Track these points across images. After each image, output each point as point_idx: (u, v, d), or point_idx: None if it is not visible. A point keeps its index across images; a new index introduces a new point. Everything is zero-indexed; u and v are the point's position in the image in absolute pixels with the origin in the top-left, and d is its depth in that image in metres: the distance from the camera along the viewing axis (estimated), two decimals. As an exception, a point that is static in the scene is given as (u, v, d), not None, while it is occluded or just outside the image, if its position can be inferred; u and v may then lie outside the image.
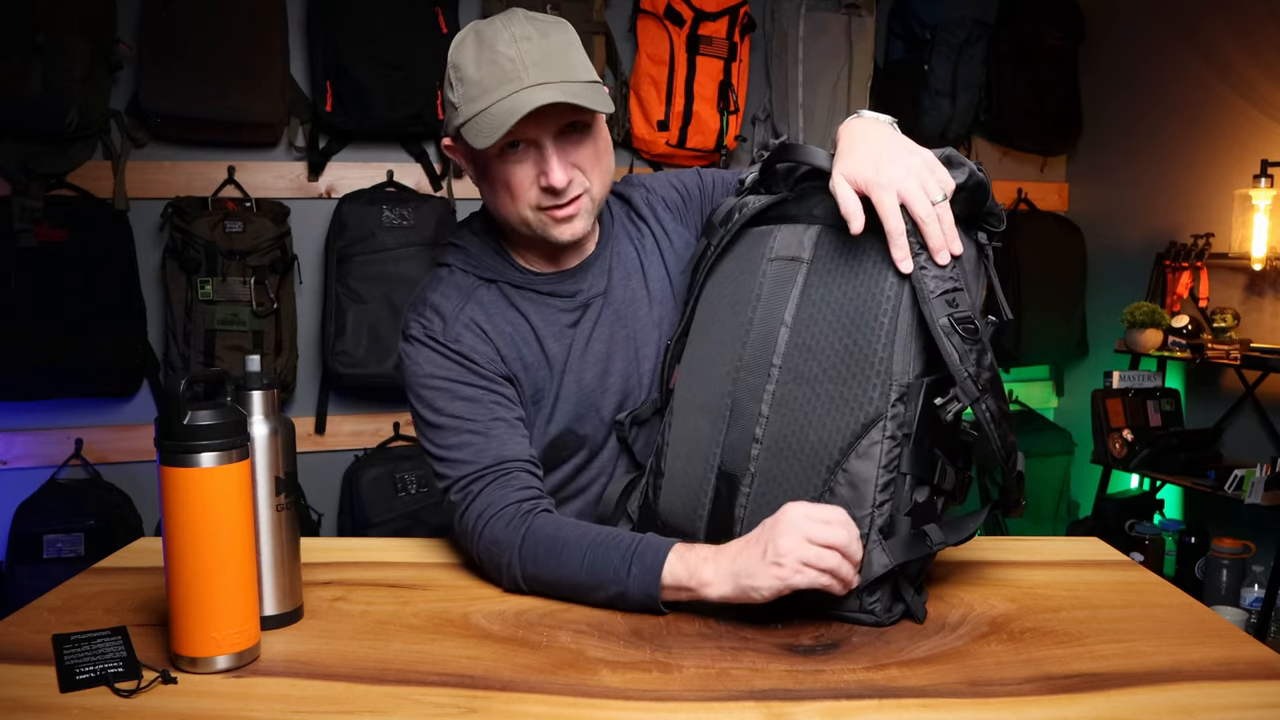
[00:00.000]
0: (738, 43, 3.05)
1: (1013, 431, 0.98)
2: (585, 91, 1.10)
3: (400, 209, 2.79)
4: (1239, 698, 0.83)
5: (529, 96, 1.07)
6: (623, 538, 1.04)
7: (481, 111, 1.09)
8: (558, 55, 1.11)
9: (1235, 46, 3.00)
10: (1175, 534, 3.02)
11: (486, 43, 1.10)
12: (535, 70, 1.08)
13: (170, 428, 0.84)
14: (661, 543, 1.02)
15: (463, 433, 1.14)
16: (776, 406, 1.01)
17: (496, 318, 1.21)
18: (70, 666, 0.86)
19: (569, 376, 1.23)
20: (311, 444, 2.96)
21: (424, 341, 1.18)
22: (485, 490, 1.11)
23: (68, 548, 2.55)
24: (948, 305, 0.94)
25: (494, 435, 1.14)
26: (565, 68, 1.11)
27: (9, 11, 2.44)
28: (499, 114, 1.08)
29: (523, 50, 1.09)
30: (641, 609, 1.01)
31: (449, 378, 1.16)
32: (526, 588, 1.07)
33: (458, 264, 1.24)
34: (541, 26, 1.12)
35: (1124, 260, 3.42)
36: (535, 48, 1.09)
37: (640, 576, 0.99)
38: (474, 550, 1.11)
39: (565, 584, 1.04)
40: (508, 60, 1.08)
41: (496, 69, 1.09)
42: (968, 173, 1.01)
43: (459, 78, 1.12)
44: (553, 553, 1.05)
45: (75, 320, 2.61)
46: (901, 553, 0.95)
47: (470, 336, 1.18)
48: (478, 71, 1.09)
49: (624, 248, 1.29)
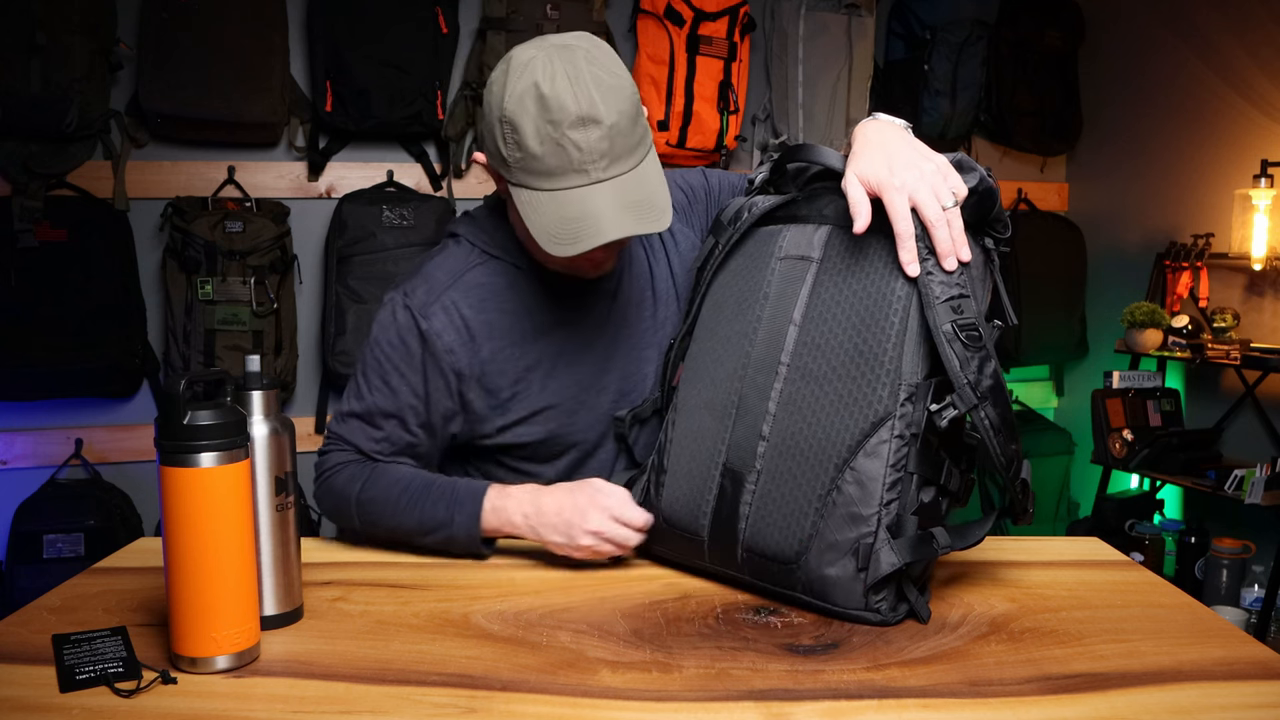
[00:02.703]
0: (738, 43, 3.05)
1: (1016, 440, 0.98)
2: (654, 197, 1.09)
3: (400, 209, 2.79)
4: (1239, 698, 0.83)
5: (600, 210, 1.05)
6: (443, 488, 1.18)
7: (546, 191, 1.07)
8: (623, 136, 1.07)
9: (1235, 46, 3.00)
10: (1175, 534, 3.02)
11: (551, 116, 1.05)
12: (603, 163, 1.06)
13: (170, 428, 0.84)
14: (476, 491, 1.16)
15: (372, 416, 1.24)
16: (784, 404, 1.02)
17: (488, 302, 1.22)
18: (70, 666, 0.86)
19: (564, 365, 1.23)
20: (311, 444, 2.95)
21: (398, 308, 1.22)
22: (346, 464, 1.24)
23: (68, 548, 2.55)
24: (952, 311, 0.95)
25: (383, 430, 1.23)
26: (628, 150, 1.08)
27: (9, 11, 2.44)
28: (570, 218, 1.06)
29: (591, 138, 1.05)
30: (467, 551, 1.17)
31: (390, 358, 1.22)
32: (367, 531, 1.22)
33: (466, 235, 1.26)
34: (605, 93, 1.06)
35: (1124, 260, 3.42)
36: (604, 135, 1.05)
37: (463, 524, 1.15)
38: (316, 495, 1.26)
39: (399, 531, 1.19)
40: (574, 148, 1.05)
41: (562, 154, 1.05)
42: (978, 178, 1.01)
43: (515, 139, 1.07)
44: (387, 502, 1.19)
45: (75, 320, 2.61)
46: (908, 552, 0.95)
47: (443, 318, 1.21)
48: (539, 147, 1.06)
49: (632, 248, 1.30)
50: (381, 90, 2.76)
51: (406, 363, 1.21)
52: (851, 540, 0.96)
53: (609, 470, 1.27)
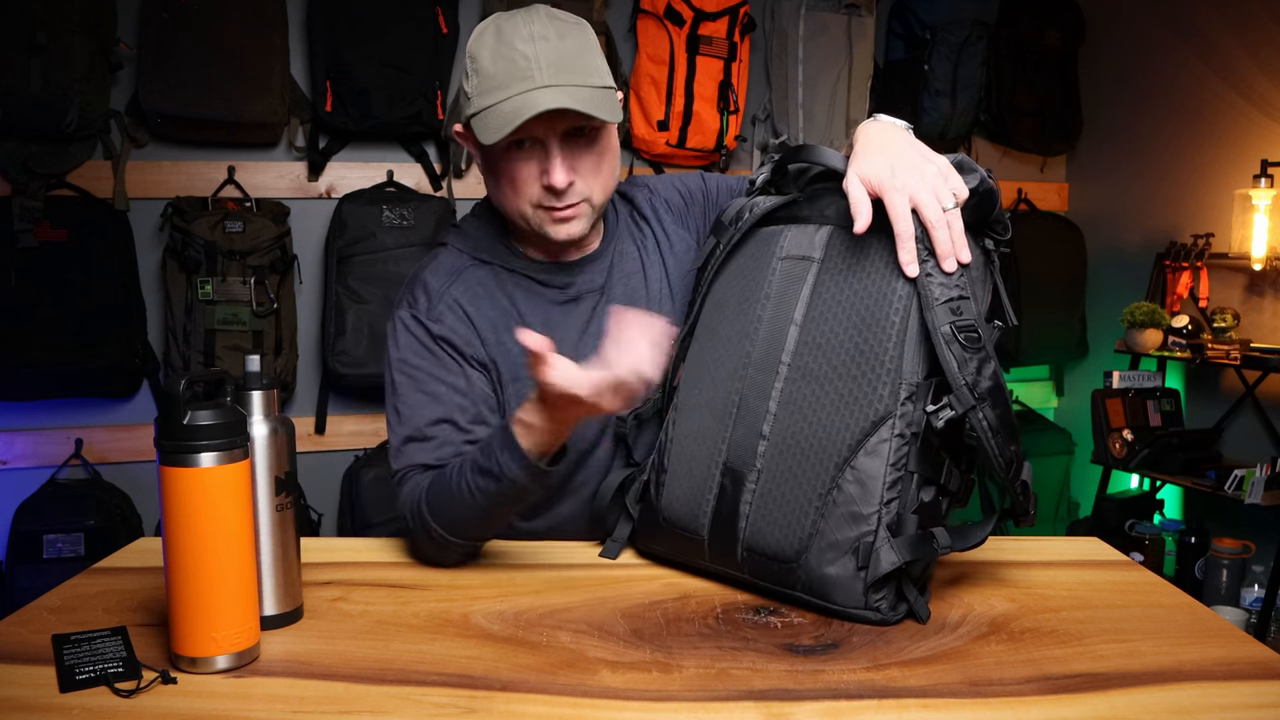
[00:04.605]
0: (738, 43, 3.05)
1: (1016, 442, 0.98)
2: (596, 98, 1.11)
3: (400, 209, 2.79)
4: (1239, 698, 0.83)
5: (539, 98, 1.08)
6: (478, 452, 1.10)
7: (492, 106, 1.10)
8: (573, 57, 1.11)
9: (1235, 46, 3.00)
10: (1175, 534, 3.02)
11: (505, 37, 1.11)
12: (549, 71, 1.09)
13: (170, 428, 0.84)
14: (501, 431, 1.08)
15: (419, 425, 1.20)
16: (785, 404, 1.02)
17: (483, 300, 1.23)
18: (70, 666, 0.86)
19: None
20: (311, 444, 2.96)
21: (407, 323, 1.22)
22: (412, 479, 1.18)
23: (68, 548, 2.55)
24: (951, 313, 0.95)
25: (438, 438, 1.18)
26: (580, 71, 1.11)
27: (9, 11, 2.44)
28: (507, 111, 1.09)
29: (539, 49, 1.09)
30: (533, 490, 1.08)
31: (421, 368, 1.21)
32: (457, 539, 1.12)
33: (455, 244, 1.28)
34: (561, 26, 1.12)
35: (1124, 260, 3.42)
36: (552, 48, 1.10)
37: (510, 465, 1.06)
38: (411, 547, 1.19)
39: (474, 512, 1.10)
40: (522, 58, 1.09)
41: (511, 65, 1.09)
42: (979, 179, 1.02)
43: (474, 69, 1.12)
44: (447, 495, 1.11)
45: (75, 320, 2.61)
46: (909, 551, 0.95)
47: (451, 317, 1.22)
48: (493, 65, 1.10)
49: (626, 247, 1.30)
50: (381, 90, 2.76)
51: (440, 366, 1.20)
52: (852, 539, 0.96)
53: (606, 470, 1.27)
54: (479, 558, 1.18)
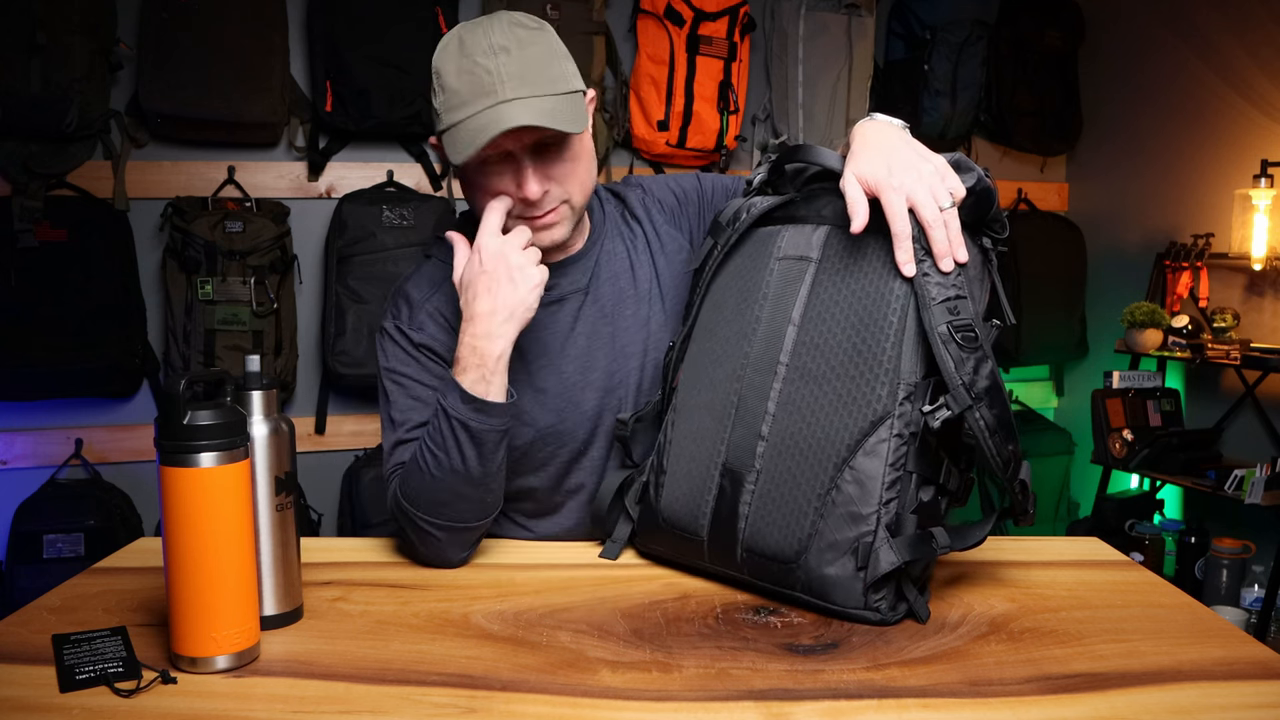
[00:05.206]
0: (738, 43, 3.05)
1: (1014, 442, 0.98)
2: (560, 107, 1.10)
3: (400, 209, 2.79)
4: (1239, 698, 0.83)
5: (503, 113, 1.07)
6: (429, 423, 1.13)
7: (459, 123, 1.09)
8: (537, 67, 1.10)
9: (1235, 46, 3.00)
10: (1175, 534, 3.02)
11: (467, 50, 1.09)
12: (512, 84, 1.08)
13: (170, 428, 0.84)
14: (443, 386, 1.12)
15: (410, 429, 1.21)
16: (783, 404, 1.02)
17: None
18: (70, 666, 0.86)
19: (545, 367, 1.24)
20: (311, 444, 2.96)
21: (391, 334, 1.24)
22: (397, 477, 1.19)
23: (68, 548, 2.55)
24: (948, 312, 0.95)
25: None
26: (543, 80, 1.10)
27: (9, 11, 2.44)
28: (473, 129, 1.08)
29: (500, 62, 1.08)
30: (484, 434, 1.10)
31: (407, 375, 1.22)
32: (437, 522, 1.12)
33: (437, 255, 1.28)
34: (522, 35, 1.11)
35: (1124, 260, 3.42)
36: (514, 59, 1.08)
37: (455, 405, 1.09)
38: (397, 532, 1.21)
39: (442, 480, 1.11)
40: (485, 72, 1.08)
41: (474, 80, 1.08)
42: (976, 177, 1.01)
43: (440, 85, 1.12)
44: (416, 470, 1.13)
45: (75, 320, 2.61)
46: (908, 551, 0.95)
47: (432, 325, 1.23)
48: (457, 81, 1.09)
49: (614, 246, 1.30)
50: (381, 90, 2.76)
51: (424, 372, 1.22)
52: (851, 539, 0.96)
53: (601, 471, 1.27)
54: (471, 549, 1.17)
